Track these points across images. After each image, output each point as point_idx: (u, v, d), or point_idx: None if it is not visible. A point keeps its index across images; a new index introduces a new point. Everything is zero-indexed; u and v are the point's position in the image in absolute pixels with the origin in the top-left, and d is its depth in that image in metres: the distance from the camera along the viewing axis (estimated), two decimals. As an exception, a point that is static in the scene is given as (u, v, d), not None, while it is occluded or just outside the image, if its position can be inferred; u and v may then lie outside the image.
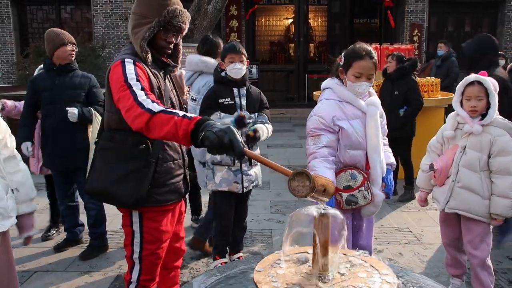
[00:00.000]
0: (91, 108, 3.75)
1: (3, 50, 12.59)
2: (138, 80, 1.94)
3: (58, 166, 3.80)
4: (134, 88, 1.90)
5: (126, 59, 2.02)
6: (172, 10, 2.06)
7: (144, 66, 2.06)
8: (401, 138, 5.13)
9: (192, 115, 1.81)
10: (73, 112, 3.62)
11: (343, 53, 2.61)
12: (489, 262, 2.86)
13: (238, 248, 3.68)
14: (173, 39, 2.15)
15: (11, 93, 5.91)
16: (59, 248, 3.97)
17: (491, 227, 2.87)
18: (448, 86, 7.73)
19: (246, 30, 12.97)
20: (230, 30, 12.71)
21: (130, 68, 1.98)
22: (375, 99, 2.61)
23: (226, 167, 3.30)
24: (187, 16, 2.14)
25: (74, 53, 3.78)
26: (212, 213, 3.61)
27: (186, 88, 3.81)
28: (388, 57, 5.58)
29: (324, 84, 2.69)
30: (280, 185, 5.58)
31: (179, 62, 2.33)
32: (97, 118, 3.75)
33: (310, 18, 15.91)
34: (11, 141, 2.56)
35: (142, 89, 1.91)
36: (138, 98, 1.87)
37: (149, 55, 2.08)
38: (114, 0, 12.50)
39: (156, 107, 1.84)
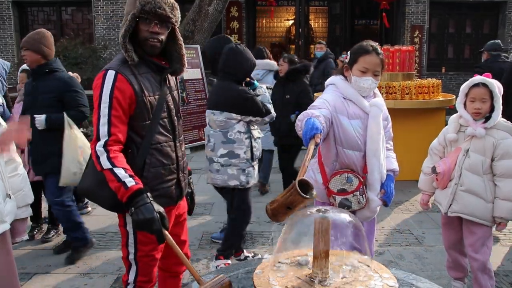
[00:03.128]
0: (64, 113, 3.54)
1: (4, 51, 12.58)
2: (110, 106, 1.93)
3: (36, 171, 3.75)
4: (101, 122, 1.94)
5: (109, 70, 1.97)
6: None
7: (128, 76, 1.97)
8: (291, 145, 4.81)
9: (131, 183, 1.87)
10: (39, 119, 3.49)
11: (349, 51, 2.56)
12: (489, 265, 2.84)
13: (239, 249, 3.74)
14: (157, 28, 1.99)
15: (11, 94, 5.91)
16: (59, 251, 3.95)
17: (493, 230, 2.85)
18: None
19: (247, 31, 12.96)
20: (231, 31, 12.69)
21: (108, 85, 1.94)
22: (379, 100, 2.53)
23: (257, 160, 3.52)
24: (166, 0, 1.99)
25: (26, 58, 3.55)
26: (236, 214, 3.54)
27: None
28: (279, 59, 5.22)
29: (327, 81, 2.62)
30: (281, 187, 5.56)
31: (185, 62, 2.16)
32: (70, 124, 3.53)
33: (310, 20, 15.88)
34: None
35: (108, 122, 1.92)
36: (97, 144, 1.93)
37: (131, 53, 1.98)
38: (115, 2, 12.50)
39: (106, 164, 1.91)
